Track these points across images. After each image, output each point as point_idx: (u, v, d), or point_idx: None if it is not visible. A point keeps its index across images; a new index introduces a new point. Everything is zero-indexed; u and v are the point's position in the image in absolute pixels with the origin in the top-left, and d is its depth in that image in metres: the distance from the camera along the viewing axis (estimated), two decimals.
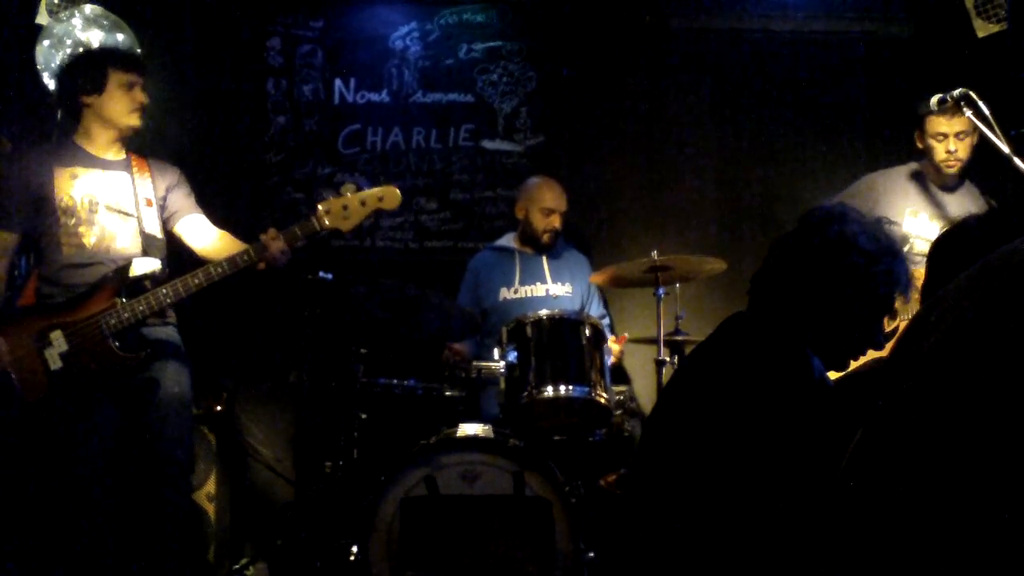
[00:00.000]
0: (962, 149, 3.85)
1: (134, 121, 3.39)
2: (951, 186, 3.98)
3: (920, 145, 3.96)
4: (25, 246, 3.43)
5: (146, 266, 3.27)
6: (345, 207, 3.26)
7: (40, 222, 3.31)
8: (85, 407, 3.19)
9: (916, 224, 3.94)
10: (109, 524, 3.22)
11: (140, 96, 3.40)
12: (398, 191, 3.32)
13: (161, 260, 3.36)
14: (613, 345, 4.09)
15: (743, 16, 5.01)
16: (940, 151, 3.87)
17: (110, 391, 3.23)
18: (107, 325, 3.15)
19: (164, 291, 3.19)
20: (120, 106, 3.37)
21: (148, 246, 3.36)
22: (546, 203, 4.33)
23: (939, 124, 3.83)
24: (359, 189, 3.29)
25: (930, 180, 3.99)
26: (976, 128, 3.63)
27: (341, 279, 3.75)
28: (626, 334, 4.24)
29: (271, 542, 4.34)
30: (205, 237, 3.52)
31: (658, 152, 5.03)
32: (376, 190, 3.31)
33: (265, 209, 4.89)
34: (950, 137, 3.83)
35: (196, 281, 3.20)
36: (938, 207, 3.96)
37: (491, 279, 4.41)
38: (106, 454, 3.22)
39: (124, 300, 3.18)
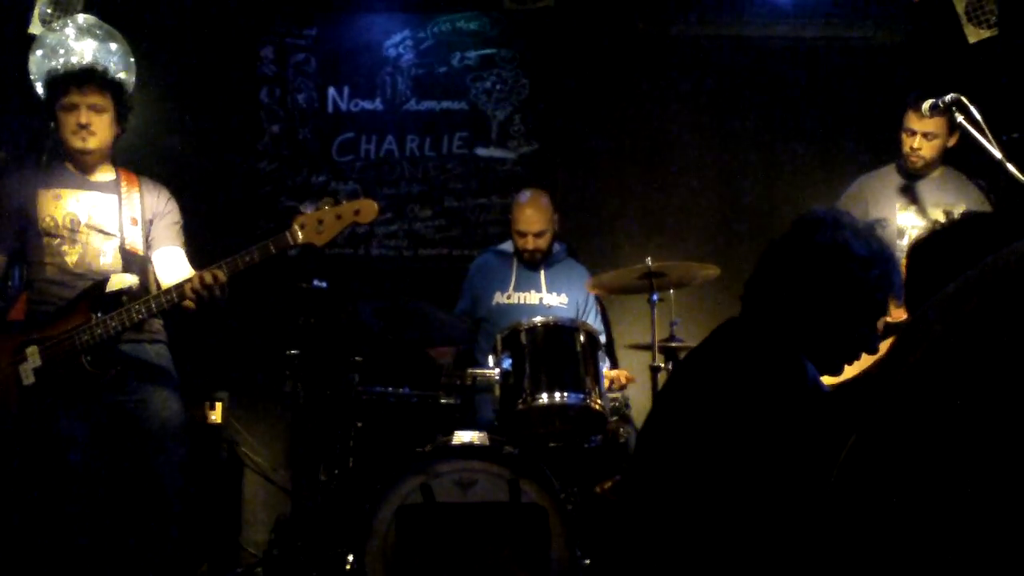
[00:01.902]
0: (927, 149, 3.96)
1: (76, 143, 3.30)
2: (931, 176, 4.07)
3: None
4: (13, 266, 3.43)
5: (122, 281, 3.23)
6: (320, 221, 3.13)
7: (26, 243, 3.31)
8: (59, 424, 3.16)
9: (908, 217, 4.05)
10: (90, 542, 3.20)
11: (82, 116, 3.28)
12: (375, 204, 3.19)
13: (140, 276, 3.32)
14: (620, 376, 4.09)
15: (738, 23, 5.02)
16: (905, 145, 3.99)
17: (90, 409, 3.20)
18: (80, 341, 3.10)
19: (137, 307, 3.12)
20: (63, 130, 3.31)
21: (128, 263, 3.33)
22: (518, 225, 4.32)
23: (911, 120, 3.94)
24: (337, 203, 3.18)
25: (911, 173, 4.07)
26: (951, 133, 3.86)
27: (336, 288, 3.75)
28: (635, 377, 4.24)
29: (267, 552, 4.33)
30: (174, 274, 3.39)
31: (652, 159, 5.03)
32: (352, 203, 3.18)
33: (259, 218, 4.89)
34: (917, 135, 3.94)
35: (167, 298, 3.13)
36: (924, 197, 4.05)
37: (487, 282, 4.41)
38: (86, 470, 3.19)
39: (99, 315, 3.13)
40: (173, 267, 3.43)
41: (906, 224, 4.02)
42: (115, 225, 3.36)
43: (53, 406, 3.14)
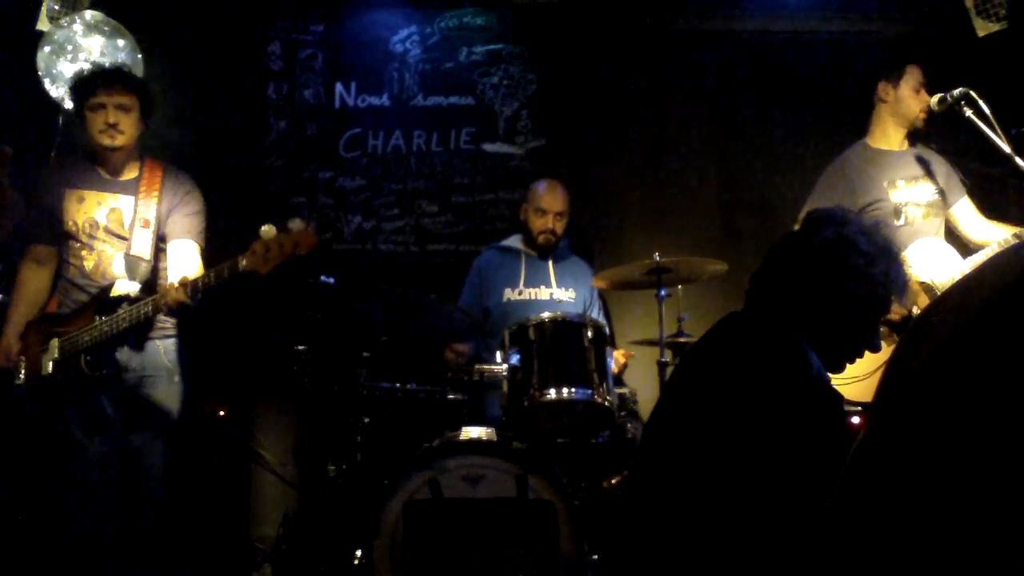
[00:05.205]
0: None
1: (104, 141, 3.38)
2: (908, 150, 4.00)
3: (884, 97, 3.98)
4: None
5: (125, 288, 3.37)
6: (268, 249, 3.13)
7: (58, 240, 3.47)
8: (65, 413, 3.34)
9: (900, 194, 3.91)
10: (102, 526, 3.31)
11: (110, 116, 3.35)
12: (314, 234, 3.22)
13: (141, 282, 3.40)
14: (619, 356, 4.11)
15: (743, 17, 5.01)
16: (922, 101, 3.87)
17: (89, 402, 3.34)
18: (81, 341, 3.30)
19: (122, 315, 3.29)
20: (91, 128, 3.39)
21: (130, 268, 3.42)
22: (540, 203, 4.34)
23: (922, 75, 3.88)
24: (306, 226, 3.19)
25: (886, 147, 3.99)
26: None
27: (343, 283, 3.75)
28: (632, 352, 4.28)
29: (276, 547, 4.34)
30: (181, 269, 3.45)
31: (659, 154, 5.03)
32: (293, 235, 3.15)
33: (267, 214, 4.87)
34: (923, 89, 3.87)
35: (145, 311, 3.29)
36: (905, 169, 3.96)
37: (496, 279, 4.40)
38: (89, 460, 3.33)
39: (101, 319, 3.31)
40: (182, 262, 3.50)
41: (902, 201, 3.89)
42: (128, 228, 3.46)
43: (60, 397, 3.34)
